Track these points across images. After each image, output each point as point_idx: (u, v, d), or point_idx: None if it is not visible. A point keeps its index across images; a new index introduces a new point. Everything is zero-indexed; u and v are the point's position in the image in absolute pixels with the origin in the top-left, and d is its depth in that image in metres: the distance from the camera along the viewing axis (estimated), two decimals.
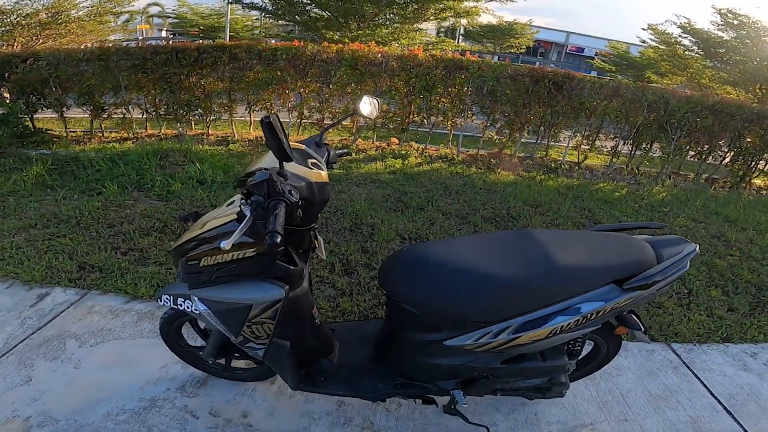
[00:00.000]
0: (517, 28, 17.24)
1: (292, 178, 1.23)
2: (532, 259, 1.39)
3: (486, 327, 1.34)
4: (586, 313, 1.34)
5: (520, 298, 1.34)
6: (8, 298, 2.31)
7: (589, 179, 5.34)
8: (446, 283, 1.36)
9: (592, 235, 1.61)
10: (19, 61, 4.73)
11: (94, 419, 1.63)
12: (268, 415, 1.72)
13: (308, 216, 1.31)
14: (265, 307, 1.29)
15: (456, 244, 1.60)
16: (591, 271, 1.37)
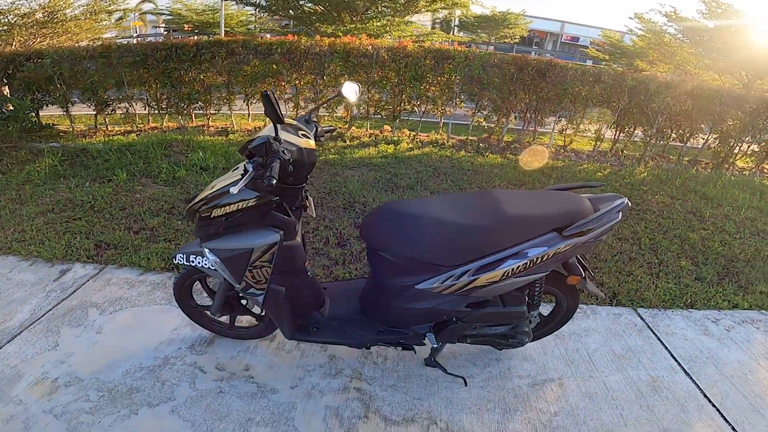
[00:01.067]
0: (511, 18, 17.31)
1: (285, 143, 1.48)
2: (487, 211, 1.61)
3: (450, 270, 1.57)
4: (533, 257, 1.55)
5: (477, 244, 1.56)
6: (32, 274, 2.55)
7: (575, 161, 5.55)
8: (416, 232, 1.59)
9: (541, 192, 1.84)
10: (23, 59, 4.94)
11: (114, 377, 1.85)
12: (268, 368, 1.96)
13: (299, 175, 1.58)
14: (263, 250, 1.53)
15: (427, 201, 1.82)
16: (535, 220, 1.58)
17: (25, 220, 3.11)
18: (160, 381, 1.85)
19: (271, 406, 1.77)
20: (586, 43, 22.43)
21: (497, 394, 1.90)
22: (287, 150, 1.45)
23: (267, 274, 1.59)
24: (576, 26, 26.34)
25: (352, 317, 1.88)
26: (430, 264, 1.60)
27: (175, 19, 14.19)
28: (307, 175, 1.66)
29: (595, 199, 1.71)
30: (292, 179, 1.56)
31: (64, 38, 7.69)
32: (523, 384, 1.97)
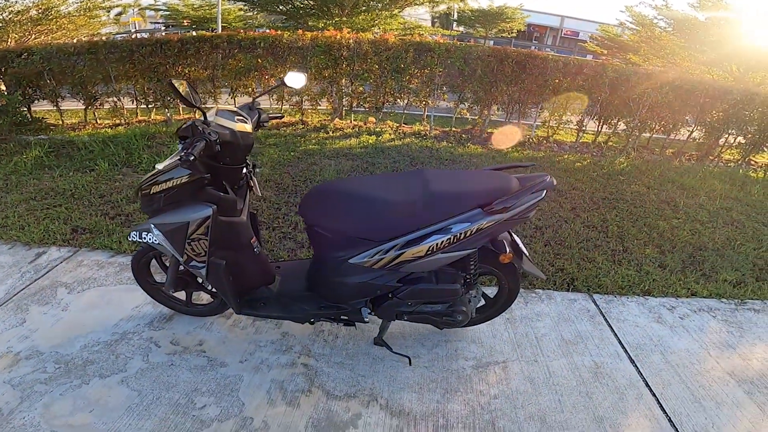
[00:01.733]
0: (508, 12, 17.28)
1: (217, 127, 1.61)
2: (414, 188, 1.70)
3: (379, 245, 1.66)
4: (457, 233, 1.62)
5: (403, 219, 1.65)
6: (10, 257, 2.68)
7: (556, 152, 5.60)
8: (347, 209, 1.69)
9: (472, 171, 1.93)
10: (14, 55, 5.06)
11: (73, 351, 1.96)
12: (221, 343, 2.07)
13: (235, 156, 1.70)
14: (198, 223, 1.64)
15: (362, 179, 1.91)
16: (459, 196, 1.66)
17: (8, 207, 3.25)
18: (114, 354, 1.96)
19: (219, 378, 1.87)
20: (586, 38, 22.32)
21: (440, 375, 1.97)
22: (216, 132, 1.55)
23: (205, 247, 1.69)
24: (576, 21, 26.14)
25: (299, 294, 1.97)
26: (360, 239, 1.69)
27: (172, 15, 14.31)
28: (245, 156, 1.77)
29: (523, 178, 1.77)
30: (229, 159, 1.68)
31: (59, 35, 7.84)
32: (468, 366, 2.03)
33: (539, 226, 3.38)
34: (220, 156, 1.64)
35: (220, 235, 1.71)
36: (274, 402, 1.78)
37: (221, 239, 1.73)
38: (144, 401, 1.74)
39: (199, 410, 1.72)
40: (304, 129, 5.55)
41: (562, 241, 3.18)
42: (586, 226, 3.45)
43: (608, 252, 3.11)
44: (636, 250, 3.18)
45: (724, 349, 2.28)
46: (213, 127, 1.57)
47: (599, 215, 3.67)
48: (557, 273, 2.79)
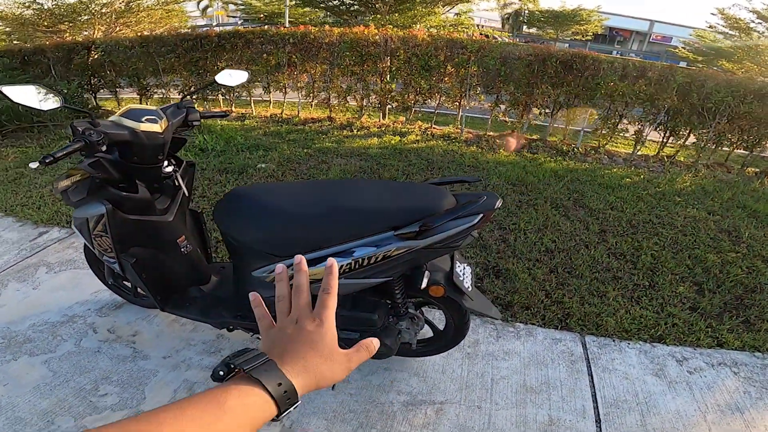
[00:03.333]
0: (582, 14, 15.85)
1: (113, 127, 1.54)
2: (325, 200, 1.49)
3: (278, 261, 1.50)
4: (359, 258, 1.39)
5: (302, 236, 1.46)
6: (17, 234, 2.94)
7: (605, 165, 4.98)
8: (254, 218, 1.54)
9: (406, 185, 1.67)
10: (81, 48, 5.64)
11: (21, 328, 2.08)
12: (154, 336, 2.08)
13: (143, 156, 1.64)
14: (95, 220, 1.62)
15: (280, 186, 1.76)
16: (365, 214, 1.42)
17: (35, 188, 3.60)
18: (53, 335, 2.05)
19: (134, 370, 1.88)
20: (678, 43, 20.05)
21: (362, 406, 1.77)
22: (105, 133, 1.49)
23: (109, 244, 1.67)
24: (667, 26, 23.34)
25: (224, 298, 1.90)
26: (263, 252, 1.55)
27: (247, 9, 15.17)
28: (155, 156, 1.70)
29: (462, 197, 1.48)
30: (137, 159, 1.62)
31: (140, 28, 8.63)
32: (398, 401, 1.80)
33: (550, 249, 2.98)
34: (127, 155, 1.60)
35: (126, 233, 1.67)
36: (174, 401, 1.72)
37: (130, 237, 1.70)
38: (53, 382, 1.79)
39: (99, 397, 1.73)
40: (330, 126, 5.52)
41: (574, 269, 2.76)
42: (612, 254, 2.97)
43: (628, 286, 2.63)
44: (666, 287, 2.66)
45: (726, 414, 1.84)
46: (103, 128, 1.51)
47: (633, 242, 3.14)
48: (551, 306, 2.40)
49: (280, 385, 0.45)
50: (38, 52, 5.80)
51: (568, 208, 3.63)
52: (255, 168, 3.98)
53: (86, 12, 7.67)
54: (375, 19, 8.18)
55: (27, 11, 7.90)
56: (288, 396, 0.45)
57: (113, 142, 1.51)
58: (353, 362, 0.54)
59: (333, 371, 0.51)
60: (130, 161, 1.61)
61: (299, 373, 0.48)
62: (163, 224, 1.77)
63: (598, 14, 16.24)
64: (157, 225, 1.75)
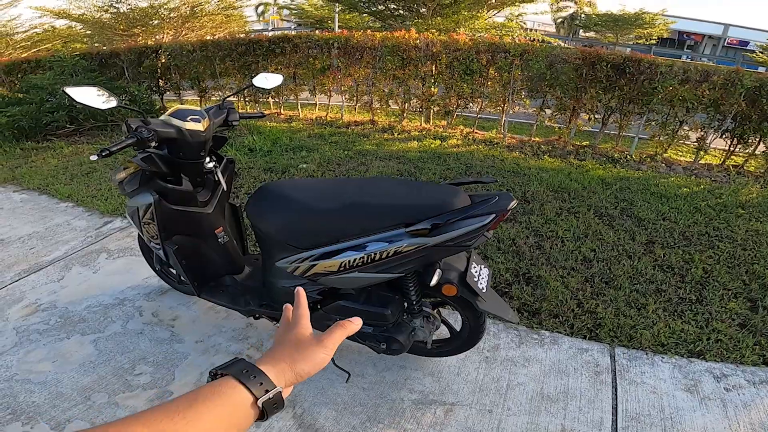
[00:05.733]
0: (646, 18, 14.68)
1: (162, 125, 1.72)
2: (342, 196, 1.57)
3: (299, 252, 1.60)
4: (371, 252, 1.45)
5: (319, 229, 1.55)
6: (86, 222, 3.29)
7: (662, 173, 4.67)
8: (279, 211, 1.65)
9: (422, 184, 1.70)
10: (150, 52, 6.15)
11: (78, 309, 2.31)
12: (190, 322, 2.26)
13: (188, 152, 1.80)
14: (144, 209, 1.82)
15: (307, 182, 1.85)
16: (379, 210, 1.47)
17: (105, 182, 3.99)
18: (105, 316, 2.29)
19: (169, 352, 2.06)
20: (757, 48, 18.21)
21: (372, 401, 1.81)
22: (154, 130, 1.67)
23: (155, 231, 1.85)
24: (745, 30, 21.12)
25: (253, 287, 2.04)
26: (286, 243, 1.65)
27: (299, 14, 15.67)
28: (199, 152, 1.86)
29: (477, 197, 1.48)
30: (182, 155, 1.79)
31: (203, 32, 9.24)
32: (408, 399, 1.83)
33: (588, 258, 2.87)
34: (174, 152, 1.78)
35: (170, 221, 1.86)
36: (199, 384, 1.85)
37: (173, 226, 1.88)
38: (97, 360, 2.00)
39: (134, 376, 1.92)
40: (371, 129, 5.62)
41: (612, 279, 2.64)
42: (657, 266, 2.81)
43: (672, 300, 2.48)
44: (715, 302, 2.48)
45: None
46: (154, 126, 1.69)
47: (683, 254, 2.94)
48: (582, 315, 2.33)
49: (255, 377, 0.49)
50: (113, 55, 6.41)
51: (614, 217, 3.47)
52: (297, 168, 4.16)
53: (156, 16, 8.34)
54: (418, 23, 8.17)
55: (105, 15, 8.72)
56: (266, 387, 0.49)
57: (162, 138, 1.69)
58: (328, 346, 0.56)
59: (308, 359, 0.54)
60: (176, 156, 1.79)
61: (276, 368, 0.52)
62: (203, 215, 1.94)
63: (663, 18, 15.07)
64: (198, 216, 1.93)
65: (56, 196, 3.77)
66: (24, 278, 2.61)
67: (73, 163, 4.58)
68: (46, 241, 3.02)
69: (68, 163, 4.59)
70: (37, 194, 3.87)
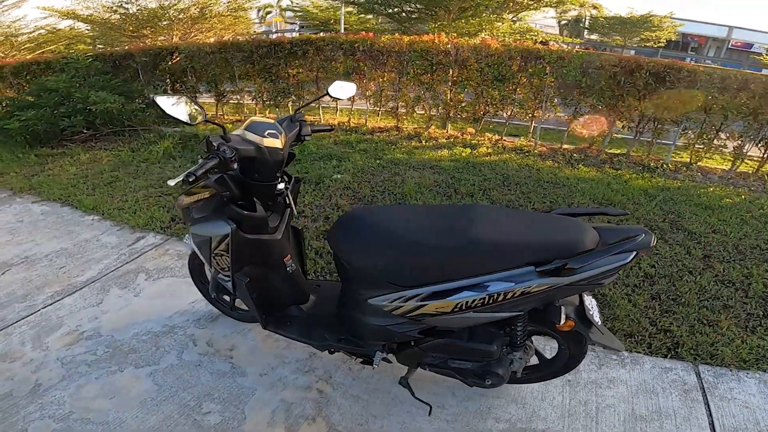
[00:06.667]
0: (654, 21, 14.64)
1: (241, 142, 1.54)
2: (453, 230, 1.42)
3: (401, 290, 1.44)
4: (493, 293, 1.33)
5: (428, 266, 1.40)
6: (116, 238, 3.12)
7: (699, 183, 4.57)
8: (369, 243, 1.50)
9: (534, 215, 1.56)
10: (166, 53, 5.96)
11: (125, 337, 2.16)
12: (249, 352, 2.11)
13: (264, 172, 1.63)
14: (219, 240, 1.65)
15: (400, 210, 1.70)
16: (504, 248, 1.34)
17: (131, 192, 3.82)
18: (156, 346, 2.13)
19: (233, 387, 1.90)
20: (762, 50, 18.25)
21: None
22: (235, 148, 1.50)
23: (227, 263, 1.69)
24: (749, 32, 21.18)
25: (325, 319, 1.89)
26: (382, 279, 1.50)
27: (304, 15, 15.50)
28: (275, 172, 1.69)
29: (607, 231, 1.38)
30: (257, 176, 1.62)
31: (211, 34, 9.06)
32: (497, 428, 1.74)
33: (650, 275, 2.75)
34: (248, 172, 1.60)
35: (244, 252, 1.69)
36: (274, 423, 1.74)
37: (246, 256, 1.72)
38: (159, 397, 1.84)
39: (202, 415, 1.77)
40: (397, 136, 5.47)
41: (679, 296, 2.55)
42: (719, 281, 2.71)
43: (741, 315, 2.41)
44: None
45: None
46: (234, 143, 1.52)
47: (741, 269, 2.83)
48: (657, 334, 2.26)
49: None
50: (127, 57, 6.21)
51: (665, 231, 3.35)
52: (331, 179, 4.01)
53: (165, 17, 8.16)
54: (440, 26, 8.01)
55: (114, 16, 8.53)
56: None
57: (240, 158, 1.52)
58: None
59: None
60: (250, 177, 1.62)
61: None
62: (273, 243, 1.78)
63: (671, 20, 15.03)
64: (269, 244, 1.77)
65: (80, 208, 3.59)
66: (58, 301, 2.44)
67: (93, 172, 4.39)
68: (76, 260, 2.85)
69: (88, 171, 4.40)
70: (59, 206, 3.68)
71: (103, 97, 4.90)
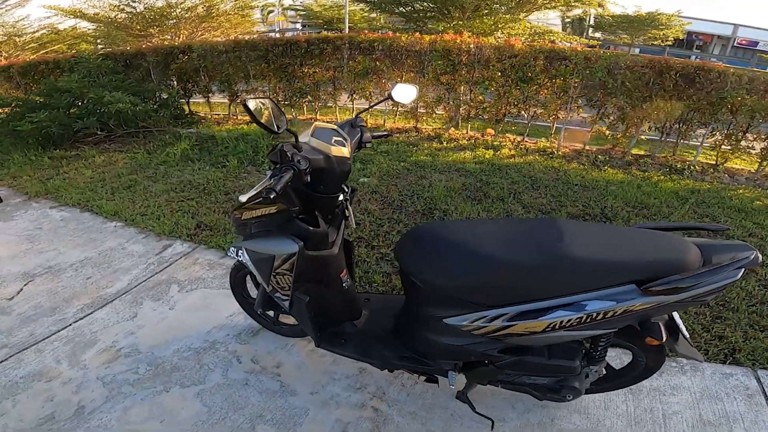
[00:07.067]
0: (661, 19, 14.49)
1: (310, 151, 1.43)
2: (542, 247, 1.33)
3: (483, 310, 1.35)
4: (592, 312, 1.26)
5: (520, 285, 1.31)
6: (142, 246, 3.02)
7: (727, 184, 4.49)
8: (449, 261, 1.40)
9: (625, 230, 1.48)
10: (178, 52, 5.85)
11: (166, 354, 2.06)
12: (296, 368, 2.02)
13: (330, 184, 1.53)
14: (283, 259, 1.55)
15: (474, 225, 1.61)
16: (605, 267, 1.27)
17: (152, 197, 3.71)
18: (200, 364, 2.03)
19: (285, 407, 1.82)
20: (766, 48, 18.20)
21: None
22: (307, 158, 1.39)
23: (289, 282, 1.60)
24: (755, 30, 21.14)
25: (383, 335, 1.80)
26: (461, 298, 1.41)
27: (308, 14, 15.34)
28: (341, 184, 1.60)
29: (708, 246, 1.31)
30: (323, 188, 1.52)
31: (218, 33, 8.92)
32: None
33: None
34: (313, 184, 1.48)
35: (306, 270, 1.60)
36: None
37: (307, 274, 1.62)
38: (210, 419, 1.75)
39: None
40: (417, 137, 5.38)
41: (727, 302, 2.49)
42: (763, 286, 2.65)
43: None
44: None
45: None
46: (305, 152, 1.41)
47: None
48: (712, 341, 2.21)
49: None
50: (138, 56, 6.09)
51: (702, 235, 3.27)
52: (358, 182, 3.92)
53: (172, 16, 8.02)
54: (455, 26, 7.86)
55: (120, 15, 8.39)
56: None
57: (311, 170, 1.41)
58: None
59: None
60: (314, 189, 1.50)
61: None
62: (331, 258, 1.68)
63: (678, 18, 14.88)
64: (327, 260, 1.67)
65: (100, 213, 3.49)
66: (89, 315, 2.35)
67: (110, 175, 4.28)
68: (103, 270, 2.76)
69: (104, 175, 4.29)
70: (78, 211, 3.58)
71: (117, 97, 4.78)
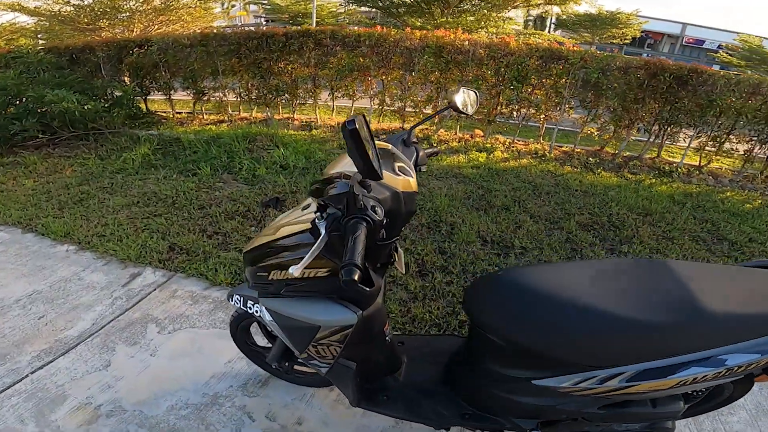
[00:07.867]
0: (621, 18, 15.19)
1: (376, 187, 1.03)
2: (668, 298, 1.11)
3: (592, 371, 1.10)
4: (733, 366, 1.06)
5: (644, 343, 1.08)
6: (104, 276, 2.51)
7: (712, 186, 4.54)
8: (544, 317, 1.13)
9: (748, 272, 1.25)
10: (134, 46, 5.20)
11: (158, 412, 1.67)
12: (322, 424, 1.66)
13: (395, 229, 1.14)
14: (334, 330, 1.19)
15: (563, 270, 1.32)
16: (748, 320, 1.07)
17: (110, 213, 3.16)
18: (204, 424, 1.64)
19: None
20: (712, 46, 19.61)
21: None
22: (378, 201, 1.00)
23: (335, 353, 1.25)
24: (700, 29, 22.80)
25: (431, 388, 1.49)
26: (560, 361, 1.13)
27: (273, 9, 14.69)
28: (402, 226, 1.22)
29: None
30: (384, 233, 1.06)
31: (178, 26, 8.19)
32: None
33: None
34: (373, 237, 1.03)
35: (359, 339, 1.24)
36: None
37: (355, 338, 1.25)
38: None
39: None
40: None
41: None
42: None
43: None
44: None
45: None
46: (373, 194, 1.01)
47: None
48: None
49: None
50: (87, 50, 5.36)
51: (706, 241, 3.23)
52: None
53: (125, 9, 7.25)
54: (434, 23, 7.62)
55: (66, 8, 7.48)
56: None
57: None
58: None
59: None
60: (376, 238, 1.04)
61: None
62: (378, 313, 1.32)
63: (636, 18, 15.61)
64: (374, 315, 1.30)
65: (47, 234, 2.91)
66: (50, 363, 1.89)
67: (56, 186, 3.65)
68: (58, 306, 2.25)
69: (49, 186, 3.66)
70: (20, 232, 2.98)
71: (61, 95, 4.11)
